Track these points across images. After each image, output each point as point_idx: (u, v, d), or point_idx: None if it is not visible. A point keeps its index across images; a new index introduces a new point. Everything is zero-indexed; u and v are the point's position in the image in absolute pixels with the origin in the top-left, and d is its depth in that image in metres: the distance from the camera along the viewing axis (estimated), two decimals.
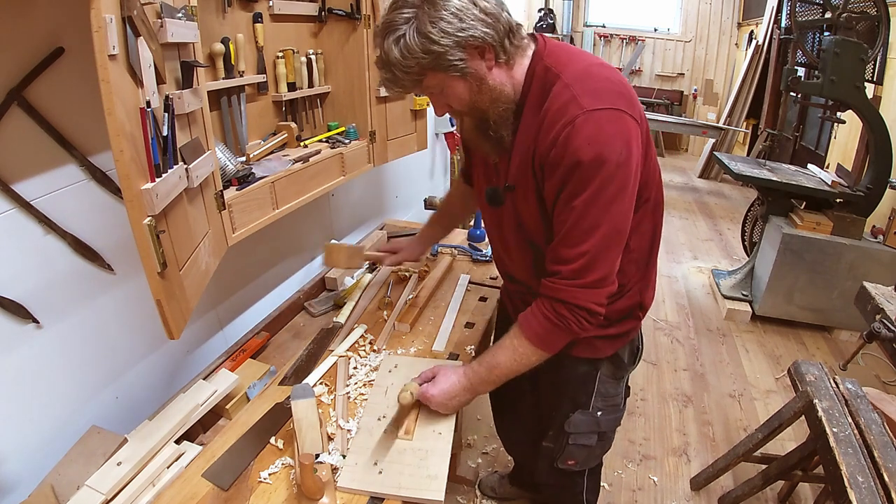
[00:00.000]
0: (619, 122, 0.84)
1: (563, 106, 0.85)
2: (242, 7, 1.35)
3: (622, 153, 0.84)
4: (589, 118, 0.83)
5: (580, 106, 0.84)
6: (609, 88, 0.87)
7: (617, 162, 0.83)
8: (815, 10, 2.72)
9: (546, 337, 0.95)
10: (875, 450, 1.33)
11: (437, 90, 0.91)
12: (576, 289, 0.90)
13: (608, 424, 1.22)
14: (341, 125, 1.70)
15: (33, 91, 0.90)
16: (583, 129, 0.82)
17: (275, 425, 1.09)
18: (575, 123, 0.83)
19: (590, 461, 1.29)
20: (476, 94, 0.90)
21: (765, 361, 2.72)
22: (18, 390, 0.98)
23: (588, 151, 0.82)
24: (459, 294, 1.58)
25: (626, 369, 1.19)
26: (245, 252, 1.53)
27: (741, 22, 6.57)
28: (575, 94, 0.85)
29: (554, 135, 0.85)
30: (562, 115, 0.84)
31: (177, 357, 1.39)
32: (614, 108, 0.84)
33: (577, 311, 0.91)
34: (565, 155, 0.84)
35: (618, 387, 1.20)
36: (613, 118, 0.84)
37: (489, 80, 0.89)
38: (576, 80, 0.87)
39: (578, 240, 0.88)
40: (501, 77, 0.91)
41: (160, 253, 0.82)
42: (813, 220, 2.76)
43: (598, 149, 0.82)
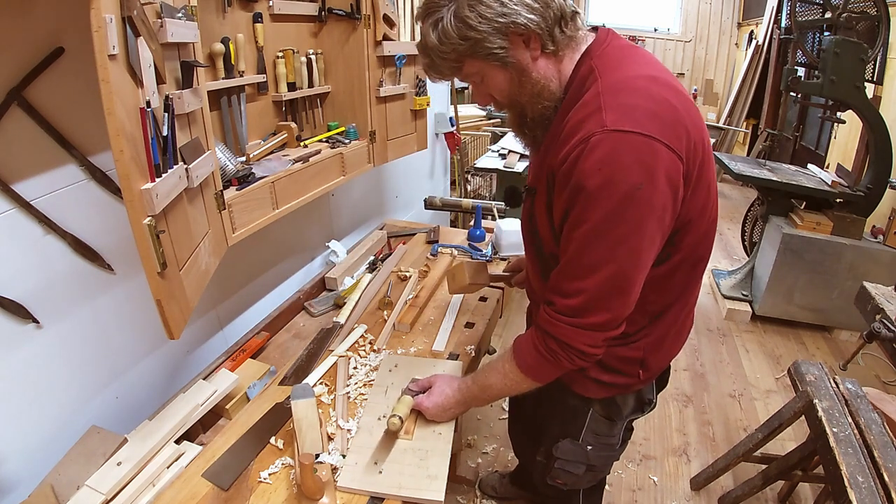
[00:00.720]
0: (643, 149, 0.71)
1: (585, 118, 0.76)
2: (242, 7, 1.35)
3: (640, 186, 0.72)
4: (606, 139, 0.72)
5: (601, 122, 0.73)
6: (646, 108, 0.74)
7: (630, 195, 0.72)
8: (815, 10, 2.72)
9: (536, 368, 0.91)
10: (875, 450, 1.33)
11: (477, 79, 0.85)
12: (569, 327, 0.82)
13: (599, 460, 1.13)
14: (341, 125, 1.70)
15: (33, 91, 0.90)
16: (595, 151, 0.72)
17: (275, 425, 1.09)
18: (590, 142, 0.72)
19: (579, 485, 1.23)
20: (517, 86, 0.83)
21: (765, 361, 2.72)
22: (18, 390, 0.98)
23: (595, 177, 0.72)
24: (459, 294, 1.58)
25: (625, 416, 1.08)
26: (245, 252, 1.53)
27: (741, 22, 6.57)
28: (601, 107, 0.74)
29: (567, 150, 0.76)
30: (580, 129, 0.75)
31: (177, 357, 1.39)
32: (642, 132, 0.71)
33: (568, 349, 0.84)
34: (572, 175, 0.75)
35: (613, 428, 1.10)
36: (637, 144, 0.71)
37: (533, 72, 0.82)
38: (610, 90, 0.76)
39: (577, 275, 0.79)
40: (548, 70, 0.82)
41: (160, 253, 0.82)
42: (813, 220, 2.76)
43: (607, 176, 0.72)
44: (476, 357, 1.37)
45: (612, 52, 0.83)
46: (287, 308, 1.53)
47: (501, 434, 2.13)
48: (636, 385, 1.03)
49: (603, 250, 0.76)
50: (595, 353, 0.85)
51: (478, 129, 4.39)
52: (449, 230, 2.16)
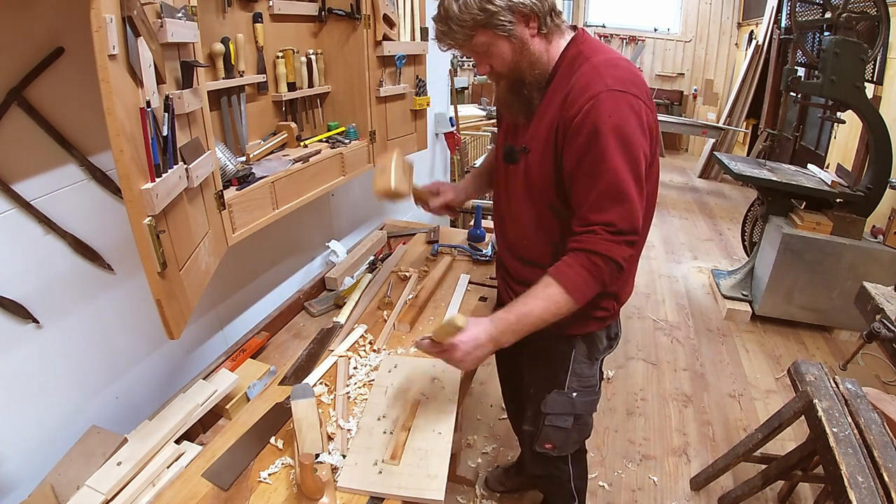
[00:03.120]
0: (635, 106, 0.95)
1: (589, 82, 0.96)
2: (242, 7, 1.35)
3: (636, 131, 0.95)
4: (611, 96, 0.94)
5: (605, 84, 0.95)
6: (630, 79, 0.98)
7: (632, 135, 0.94)
8: (815, 10, 2.72)
9: (583, 287, 0.99)
10: (875, 450, 1.33)
11: (483, 48, 1.00)
12: (610, 242, 0.96)
13: (584, 407, 1.27)
14: (341, 125, 1.70)
15: (33, 91, 0.90)
16: (605, 103, 0.93)
17: (275, 425, 1.09)
18: (599, 97, 0.94)
19: (568, 445, 1.33)
20: (518, 55, 1.01)
21: (765, 361, 2.72)
22: (18, 390, 0.98)
23: (608, 122, 0.93)
24: (459, 294, 1.58)
25: (600, 352, 1.24)
26: (245, 252, 1.53)
27: (741, 22, 6.57)
28: (602, 75, 0.96)
29: (579, 105, 0.95)
30: (588, 89, 0.95)
31: (177, 357, 1.39)
32: (630, 93, 0.95)
33: (610, 262, 0.97)
34: (586, 122, 0.94)
35: (592, 367, 1.26)
36: (631, 102, 0.95)
37: (531, 46, 1.00)
38: (603, 65, 0.99)
39: (608, 196, 0.95)
40: (540, 47, 1.02)
41: (160, 253, 0.82)
42: (813, 220, 2.76)
43: (616, 120, 0.93)
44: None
45: (590, 42, 1.06)
46: (287, 308, 1.53)
47: (501, 434, 2.13)
48: (610, 318, 1.22)
49: (623, 172, 0.94)
50: (625, 266, 1.00)
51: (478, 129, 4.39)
52: (449, 230, 2.16)
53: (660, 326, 3.01)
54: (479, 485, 1.91)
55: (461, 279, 1.67)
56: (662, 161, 6.76)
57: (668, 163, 6.74)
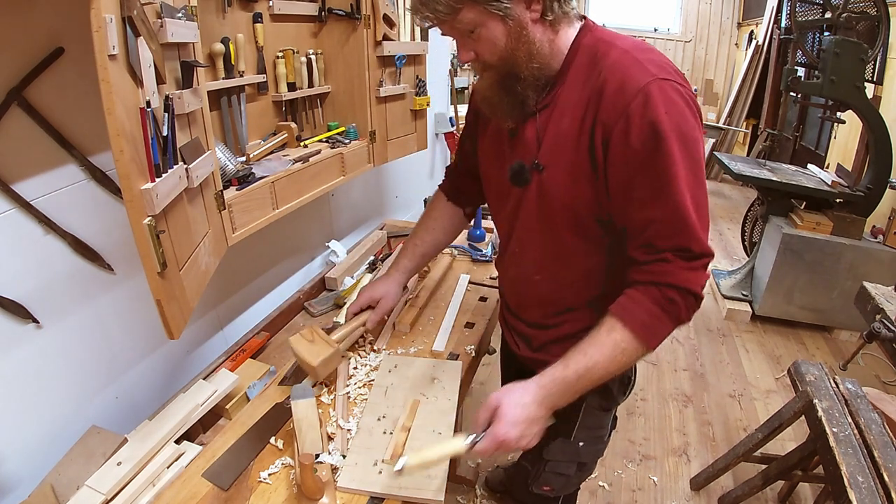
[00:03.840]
0: (686, 95, 0.78)
1: (629, 71, 0.77)
2: (242, 7, 1.35)
3: (695, 127, 0.78)
4: (662, 87, 0.75)
5: (650, 73, 0.76)
6: (670, 65, 0.80)
7: (692, 132, 0.77)
8: (815, 10, 2.72)
9: (655, 328, 0.82)
10: (875, 450, 1.33)
11: (469, 28, 0.80)
12: (687, 271, 0.80)
13: (589, 455, 1.13)
14: (341, 125, 1.70)
15: (33, 91, 0.90)
16: (658, 96, 0.75)
17: (275, 425, 1.09)
18: (649, 90, 0.75)
19: (567, 488, 1.21)
20: (514, 41, 0.80)
21: (765, 361, 2.72)
22: (18, 390, 0.98)
23: (668, 121, 0.74)
24: (459, 294, 1.58)
25: (615, 400, 1.09)
26: (245, 252, 1.53)
27: (741, 22, 6.57)
28: (641, 61, 0.77)
29: (626, 100, 0.76)
30: (631, 80, 0.76)
31: (177, 357, 1.39)
32: (680, 82, 0.78)
33: (686, 295, 0.81)
34: (640, 123, 0.75)
35: (605, 419, 1.11)
36: (682, 92, 0.77)
37: (531, 32, 0.80)
38: (637, 50, 0.80)
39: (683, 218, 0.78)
40: (542, 35, 0.82)
41: (160, 253, 0.82)
42: (813, 220, 2.76)
43: (676, 118, 0.75)
44: (476, 357, 1.37)
45: (604, 30, 0.87)
46: (287, 308, 1.52)
47: None
48: None
49: (693, 184, 0.78)
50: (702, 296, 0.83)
51: None
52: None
53: None
54: (479, 485, 1.91)
55: (461, 279, 1.66)
56: None
57: None
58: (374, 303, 1.24)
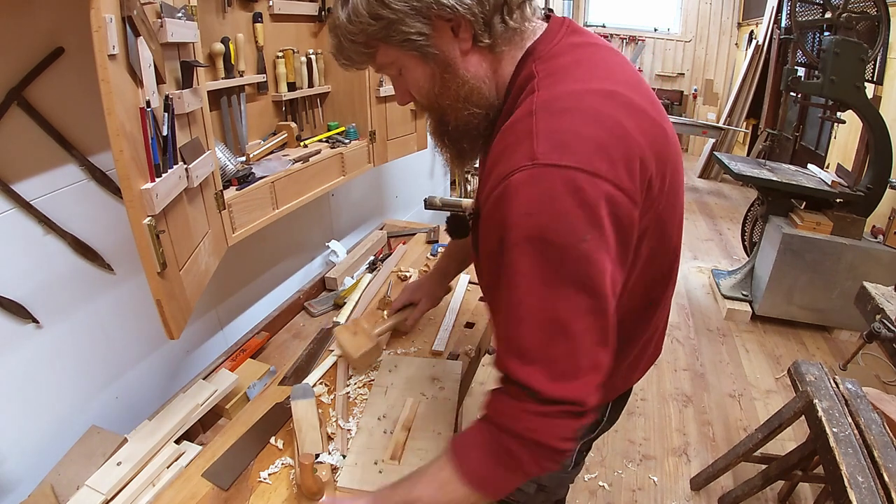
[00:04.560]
0: (586, 190, 0.54)
1: (510, 145, 0.59)
2: (242, 7, 1.35)
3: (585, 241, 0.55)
4: (536, 177, 0.55)
5: (530, 153, 0.55)
6: (590, 135, 0.56)
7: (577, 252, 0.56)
8: (815, 10, 2.72)
9: (488, 479, 0.65)
10: (875, 450, 1.33)
11: (393, 71, 0.69)
12: (536, 416, 0.60)
13: (549, 480, 1.02)
14: (341, 125, 1.70)
15: (33, 91, 0.89)
16: (521, 191, 0.55)
17: (275, 425, 1.09)
18: (512, 179, 0.56)
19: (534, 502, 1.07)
20: (438, 84, 0.66)
21: (765, 361, 2.72)
22: (18, 390, 0.98)
23: (522, 227, 0.56)
24: (459, 294, 1.58)
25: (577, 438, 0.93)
26: (245, 252, 1.53)
27: (741, 22, 6.57)
28: (532, 131, 0.57)
29: (490, 186, 0.60)
30: (503, 159, 0.58)
31: (177, 357, 1.39)
32: (586, 170, 0.54)
33: (535, 448, 0.62)
34: (491, 222, 0.59)
35: None
36: (580, 184, 0.54)
37: (460, 68, 0.65)
38: (546, 108, 0.58)
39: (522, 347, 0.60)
40: (479, 68, 0.65)
41: (160, 253, 0.82)
42: (813, 220, 2.76)
43: (543, 224, 0.55)
44: (476, 357, 1.37)
45: (561, 51, 0.65)
46: (287, 308, 1.53)
47: None
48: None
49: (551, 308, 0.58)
50: (568, 448, 0.63)
51: None
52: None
53: None
54: None
55: (461, 279, 1.66)
56: None
57: None
58: (417, 300, 1.27)
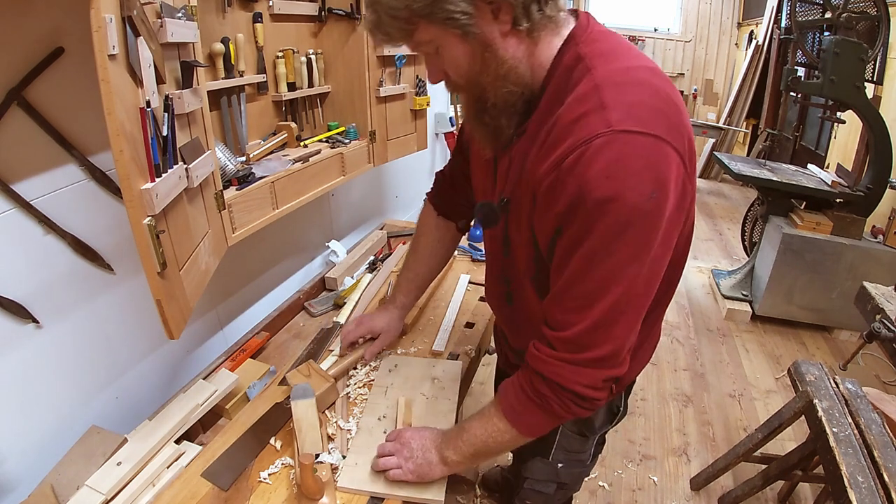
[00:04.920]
0: (655, 153, 0.61)
1: (581, 116, 0.62)
2: (242, 7, 1.35)
3: (652, 198, 0.60)
4: (614, 141, 0.60)
5: (606, 121, 0.60)
6: (653, 105, 0.63)
7: (643, 209, 0.60)
8: (815, 10, 2.72)
9: (522, 415, 0.76)
10: (875, 450, 1.33)
11: (431, 49, 0.70)
12: (563, 363, 0.70)
13: (570, 477, 1.08)
14: (341, 125, 1.70)
15: (33, 91, 0.89)
16: (601, 156, 0.60)
17: (275, 425, 1.09)
18: (592, 144, 0.60)
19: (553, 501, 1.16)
20: (479, 63, 0.69)
21: (765, 361, 2.72)
22: (18, 390, 0.98)
23: (602, 188, 0.60)
24: (459, 294, 1.58)
25: (595, 429, 1.03)
26: (245, 252, 1.53)
27: (741, 22, 6.57)
28: (603, 102, 0.62)
29: (560, 154, 0.63)
30: (576, 129, 0.62)
31: (177, 357, 1.39)
32: (653, 133, 0.60)
33: (560, 391, 0.71)
34: (567, 185, 0.62)
35: (584, 444, 1.05)
36: (649, 148, 0.60)
37: (499, 49, 0.68)
38: (609, 83, 0.64)
39: (575, 303, 0.68)
40: (517, 50, 0.69)
41: (160, 253, 0.82)
42: (813, 220, 2.76)
43: (617, 187, 0.60)
44: (476, 357, 1.37)
45: (599, 38, 0.70)
46: (287, 308, 1.52)
47: None
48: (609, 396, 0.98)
49: (606, 273, 0.64)
50: (595, 396, 0.72)
51: None
52: None
53: None
54: (479, 485, 1.90)
55: (461, 279, 1.66)
56: None
57: None
58: (374, 335, 1.23)
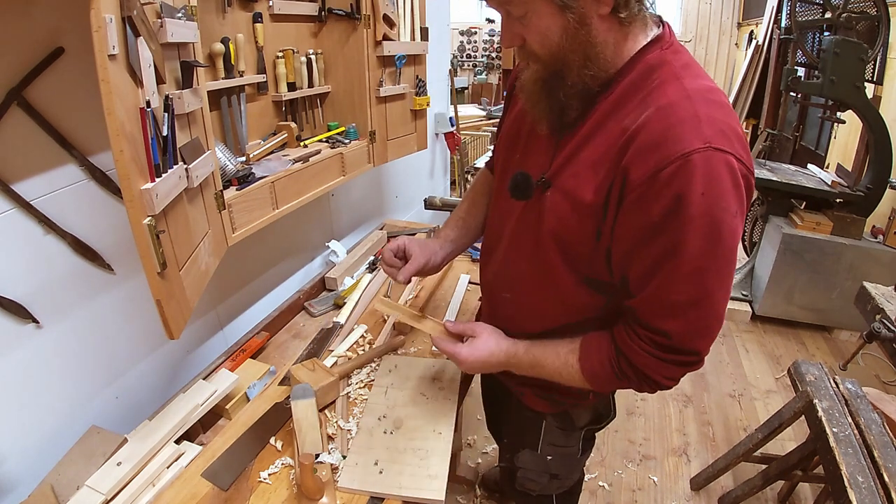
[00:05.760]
0: (738, 174, 0.66)
1: (680, 125, 0.65)
2: (242, 7, 1.35)
3: (736, 215, 0.66)
4: (710, 158, 0.63)
5: (703, 137, 0.63)
6: (734, 128, 0.67)
7: (728, 223, 0.66)
8: (815, 10, 2.72)
9: (601, 378, 0.82)
10: (875, 450, 1.33)
11: (520, 11, 0.68)
12: (654, 359, 0.75)
13: (561, 469, 1.11)
14: (341, 125, 1.70)
15: (33, 91, 0.90)
16: (699, 170, 0.63)
17: (275, 425, 1.09)
18: (693, 159, 0.63)
19: (549, 491, 1.18)
20: (570, 39, 0.67)
21: (765, 361, 2.72)
22: (18, 390, 0.98)
23: (700, 202, 0.64)
24: (459, 294, 1.58)
25: (576, 427, 1.06)
26: (245, 252, 1.53)
27: (741, 22, 6.58)
28: (699, 117, 0.64)
29: (660, 162, 0.65)
30: (677, 139, 0.64)
31: (177, 357, 1.39)
32: (736, 155, 0.65)
33: (643, 377, 0.78)
34: (663, 197, 0.65)
35: (569, 439, 1.07)
36: (733, 168, 0.65)
37: (594, 29, 0.67)
38: (701, 98, 0.66)
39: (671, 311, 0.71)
40: (608, 35, 0.69)
41: (160, 253, 0.82)
42: (813, 220, 2.76)
43: (712, 201, 0.64)
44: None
45: (680, 49, 0.73)
46: (287, 308, 1.53)
47: None
48: (588, 402, 1.02)
49: (700, 284, 0.69)
50: (670, 385, 0.79)
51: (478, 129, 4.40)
52: None
53: None
54: (479, 485, 1.91)
55: (461, 279, 1.66)
56: None
57: None
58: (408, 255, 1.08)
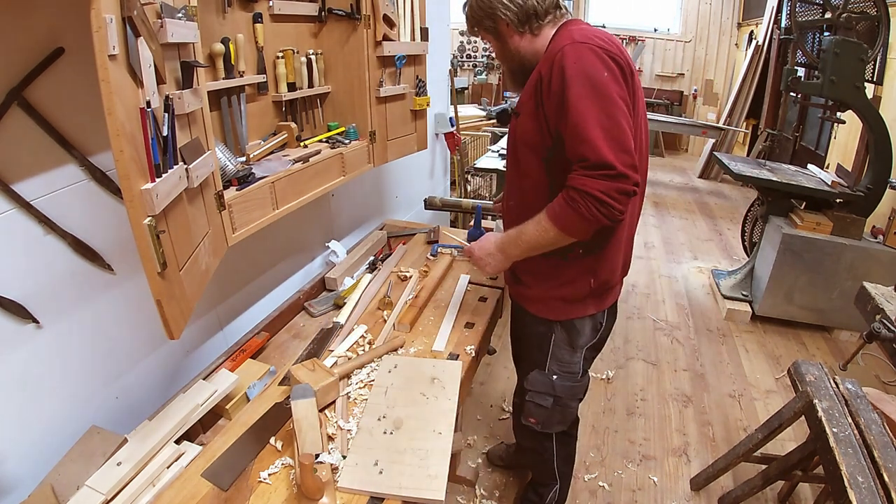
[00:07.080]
0: (599, 55, 1.01)
1: (559, 41, 1.08)
2: (242, 7, 1.35)
3: (606, 75, 1.01)
4: (575, 47, 1.03)
5: (571, 38, 1.05)
6: (598, 35, 1.06)
7: (601, 79, 1.00)
8: (815, 10, 2.72)
9: (561, 216, 1.06)
10: (875, 450, 1.33)
11: (489, 41, 1.25)
12: (585, 177, 1.00)
13: (563, 390, 1.32)
14: (341, 125, 1.70)
15: (33, 91, 0.90)
16: (569, 54, 1.02)
17: (275, 425, 1.09)
18: (564, 49, 1.03)
19: (551, 424, 1.39)
20: (500, 49, 1.24)
21: (765, 361, 2.72)
22: (18, 390, 0.98)
23: (574, 67, 1.01)
24: (459, 294, 1.58)
25: (581, 344, 1.29)
26: (245, 252, 1.53)
27: (741, 22, 6.58)
28: (571, 33, 1.08)
29: (550, 57, 1.06)
30: (557, 48, 1.06)
31: (177, 357, 1.39)
32: (596, 44, 1.03)
33: (585, 196, 1.00)
34: (554, 72, 1.03)
35: (573, 355, 1.30)
36: (595, 51, 1.02)
37: (510, 44, 1.20)
38: (577, 31, 1.08)
39: (580, 134, 1.00)
40: (522, 43, 1.19)
41: (160, 253, 0.82)
42: (813, 220, 2.76)
43: (581, 66, 1.01)
44: (476, 357, 1.37)
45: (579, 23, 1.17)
46: (287, 308, 1.53)
47: (501, 434, 2.13)
48: (592, 305, 1.25)
49: (590, 110, 0.99)
50: (610, 202, 0.99)
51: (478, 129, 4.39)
52: (449, 230, 2.16)
53: (660, 327, 3.01)
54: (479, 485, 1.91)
55: (461, 279, 1.67)
56: (662, 161, 6.76)
57: (668, 163, 6.74)
58: None
